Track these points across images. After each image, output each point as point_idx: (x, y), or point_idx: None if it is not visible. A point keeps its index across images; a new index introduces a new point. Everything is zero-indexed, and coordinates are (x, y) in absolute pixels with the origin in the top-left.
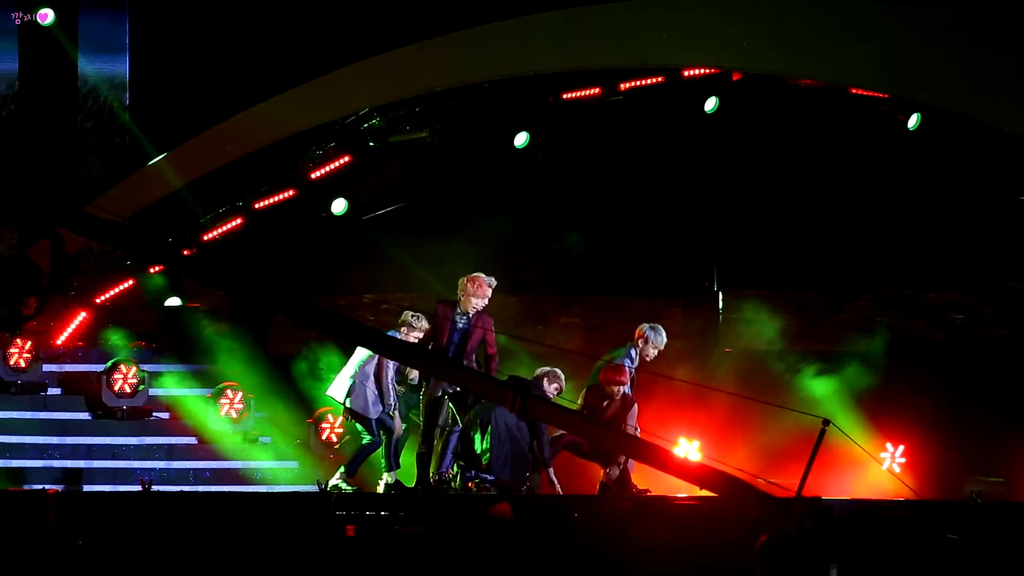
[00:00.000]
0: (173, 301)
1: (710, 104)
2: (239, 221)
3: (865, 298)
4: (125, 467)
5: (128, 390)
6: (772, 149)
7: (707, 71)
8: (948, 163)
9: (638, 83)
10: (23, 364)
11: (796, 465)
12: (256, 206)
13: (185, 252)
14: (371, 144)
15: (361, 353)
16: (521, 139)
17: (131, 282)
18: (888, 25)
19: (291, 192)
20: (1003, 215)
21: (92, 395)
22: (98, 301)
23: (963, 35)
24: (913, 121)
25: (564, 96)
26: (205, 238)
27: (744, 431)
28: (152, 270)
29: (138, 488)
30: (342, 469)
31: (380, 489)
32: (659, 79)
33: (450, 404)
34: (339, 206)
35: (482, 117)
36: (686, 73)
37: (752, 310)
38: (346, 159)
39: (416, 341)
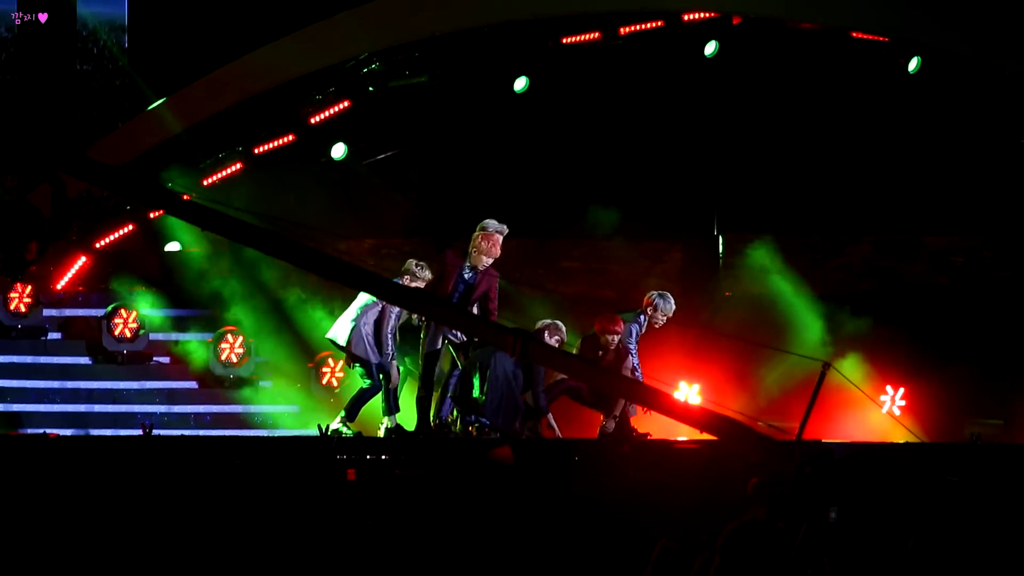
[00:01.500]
0: (173, 246)
1: (710, 48)
2: (239, 166)
3: (865, 242)
4: (126, 411)
5: (128, 335)
6: (772, 93)
7: (707, 15)
8: (948, 106)
9: (638, 27)
10: (23, 309)
11: (796, 408)
12: (256, 151)
13: (185, 197)
14: (371, 89)
15: (363, 298)
16: (521, 83)
17: (131, 227)
18: None
19: (291, 137)
20: (1003, 158)
21: (92, 340)
22: (98, 246)
23: None
24: (913, 64)
25: (564, 40)
26: (205, 183)
27: (744, 375)
28: (152, 215)
29: (139, 432)
30: (342, 413)
31: (380, 433)
32: (659, 23)
33: (451, 349)
34: (339, 151)
35: (482, 62)
36: (686, 17)
37: (752, 254)
38: (346, 104)
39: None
